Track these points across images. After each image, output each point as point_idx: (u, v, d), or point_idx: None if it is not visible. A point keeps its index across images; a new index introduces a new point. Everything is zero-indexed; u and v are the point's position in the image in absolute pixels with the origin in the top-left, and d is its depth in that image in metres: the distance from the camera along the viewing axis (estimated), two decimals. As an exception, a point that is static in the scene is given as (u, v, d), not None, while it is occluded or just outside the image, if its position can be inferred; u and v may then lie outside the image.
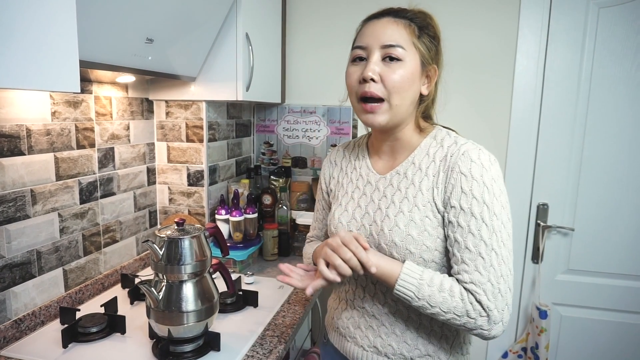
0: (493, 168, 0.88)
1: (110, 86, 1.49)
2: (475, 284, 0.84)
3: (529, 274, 1.99)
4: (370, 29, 0.93)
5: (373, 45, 0.91)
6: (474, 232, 0.85)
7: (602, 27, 1.78)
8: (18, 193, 1.16)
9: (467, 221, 0.86)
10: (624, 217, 1.86)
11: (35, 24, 0.76)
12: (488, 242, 0.84)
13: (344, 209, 1.04)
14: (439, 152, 0.94)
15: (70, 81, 0.84)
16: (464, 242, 0.86)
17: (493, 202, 0.85)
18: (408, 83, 0.90)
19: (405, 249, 0.91)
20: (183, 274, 1.07)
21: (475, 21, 1.89)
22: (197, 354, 1.11)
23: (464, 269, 0.86)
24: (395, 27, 0.91)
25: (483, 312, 0.83)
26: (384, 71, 0.90)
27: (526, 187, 1.93)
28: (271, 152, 2.21)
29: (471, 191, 0.86)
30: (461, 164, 0.88)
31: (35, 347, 1.14)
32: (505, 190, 0.90)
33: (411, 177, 0.95)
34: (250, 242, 1.77)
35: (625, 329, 1.91)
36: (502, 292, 0.84)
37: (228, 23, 1.55)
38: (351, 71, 0.95)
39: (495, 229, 0.85)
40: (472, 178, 0.86)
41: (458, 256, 0.87)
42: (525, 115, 1.89)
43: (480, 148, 0.90)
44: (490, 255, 0.84)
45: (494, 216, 0.85)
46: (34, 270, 1.23)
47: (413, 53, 0.91)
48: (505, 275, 0.85)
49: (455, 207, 0.87)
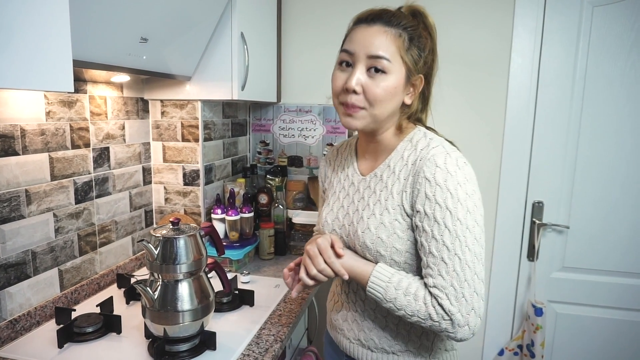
0: (460, 172, 0.88)
1: (105, 86, 1.48)
2: (438, 288, 0.85)
3: (525, 271, 1.99)
4: (360, 36, 0.92)
5: (360, 54, 0.90)
6: (437, 237, 0.86)
7: (597, 25, 1.79)
8: (13, 193, 1.16)
9: (431, 226, 0.87)
10: (619, 214, 1.87)
11: (29, 23, 0.75)
12: (451, 247, 0.85)
13: (331, 208, 1.09)
14: (412, 155, 0.94)
15: (64, 81, 0.84)
16: (428, 246, 0.88)
17: (457, 207, 0.86)
18: (390, 96, 0.91)
19: (376, 251, 0.94)
20: (178, 273, 1.07)
21: (470, 20, 1.89)
22: (193, 353, 1.11)
23: (429, 272, 0.88)
24: (384, 38, 0.90)
25: (446, 316, 0.85)
26: (367, 84, 0.90)
27: (521, 185, 1.94)
28: (267, 151, 2.21)
29: (434, 196, 0.87)
30: (426, 169, 0.89)
31: (31, 347, 1.13)
32: (477, 194, 0.89)
33: (385, 180, 0.97)
34: (246, 241, 1.77)
35: (620, 326, 1.93)
36: (467, 296, 0.84)
37: (223, 22, 1.55)
38: (337, 76, 0.95)
39: (459, 234, 0.85)
40: (435, 183, 0.87)
41: (424, 260, 0.89)
42: (521, 114, 1.90)
43: (449, 153, 0.90)
44: (453, 260, 0.85)
45: (457, 221, 0.85)
46: (29, 270, 1.23)
47: (399, 65, 0.91)
48: (469, 280, 0.85)
49: (420, 211, 0.89)
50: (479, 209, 0.89)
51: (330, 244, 0.96)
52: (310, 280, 0.96)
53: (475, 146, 1.95)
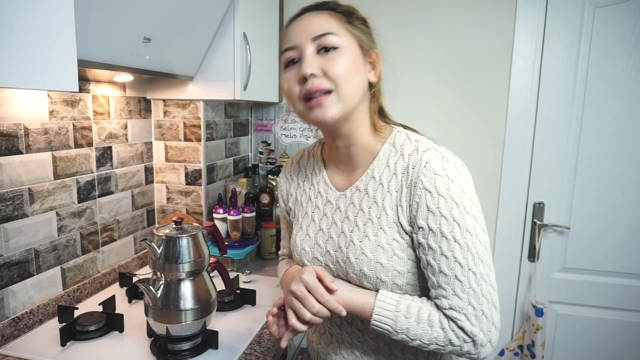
0: (461, 177, 0.79)
1: (108, 85, 1.49)
2: (455, 309, 0.77)
3: (525, 272, 2.00)
4: (295, 28, 0.84)
5: (303, 41, 0.81)
6: (447, 254, 0.77)
7: (598, 26, 1.79)
8: (16, 192, 1.17)
9: (438, 242, 0.78)
10: (620, 215, 1.87)
11: (34, 23, 0.76)
12: (463, 263, 0.77)
13: (305, 233, 0.95)
14: (400, 162, 0.84)
15: (68, 80, 0.84)
16: (437, 265, 0.78)
17: (464, 217, 0.77)
18: (352, 70, 0.81)
19: (376, 278, 0.83)
20: (181, 272, 1.07)
21: (472, 21, 1.90)
22: (195, 352, 1.11)
23: (441, 294, 0.78)
24: (320, 17, 0.82)
25: (467, 339, 0.77)
26: (324, 63, 0.80)
27: (522, 185, 1.94)
28: (269, 151, 2.21)
29: (438, 209, 0.78)
30: (424, 178, 0.79)
31: (34, 345, 1.14)
32: (476, 198, 0.81)
33: (373, 194, 0.86)
34: (248, 240, 1.77)
35: (620, 326, 1.93)
36: (486, 313, 0.77)
37: (225, 22, 1.55)
38: (287, 76, 0.85)
39: (470, 246, 0.77)
40: (437, 194, 0.78)
41: (434, 280, 0.79)
42: (522, 114, 1.90)
43: (444, 155, 0.81)
44: (468, 276, 0.77)
45: (467, 232, 0.77)
46: (32, 268, 1.23)
47: (348, 38, 0.82)
48: (487, 294, 0.78)
49: (424, 227, 0.79)
50: (481, 213, 0.82)
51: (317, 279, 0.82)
52: (303, 325, 0.82)
53: (476, 147, 1.95)
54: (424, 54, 1.94)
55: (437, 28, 1.92)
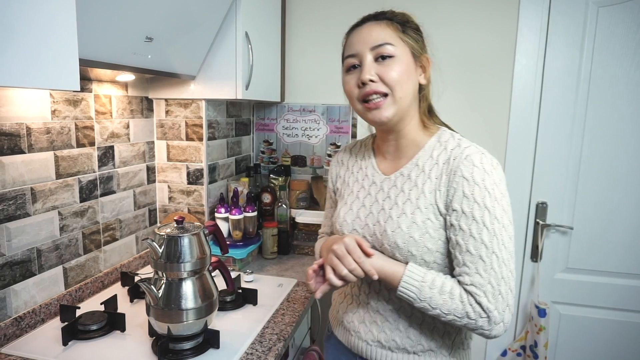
0: (495, 172, 0.89)
1: (110, 85, 1.49)
2: (475, 285, 0.86)
3: (528, 272, 1.99)
4: (357, 37, 0.96)
5: (363, 50, 0.94)
6: (475, 236, 0.86)
7: (602, 26, 1.78)
8: (18, 191, 1.17)
9: (469, 225, 0.87)
10: (623, 215, 1.86)
11: (36, 22, 0.76)
12: (489, 245, 0.86)
13: (349, 208, 1.06)
14: (443, 154, 0.95)
15: (70, 79, 0.84)
16: (465, 245, 0.87)
17: (494, 205, 0.87)
18: (406, 76, 0.93)
19: (407, 251, 0.92)
20: (182, 271, 1.07)
21: (475, 20, 1.89)
22: (197, 352, 1.11)
23: (465, 271, 0.87)
24: (379, 27, 0.94)
25: (483, 314, 0.85)
26: (380, 70, 0.92)
27: (525, 186, 1.93)
28: (271, 150, 2.21)
29: (473, 195, 0.87)
30: (463, 168, 0.89)
31: (36, 344, 1.14)
32: (507, 194, 0.91)
33: (415, 179, 0.96)
34: (249, 240, 1.77)
35: (623, 327, 1.92)
36: (503, 293, 0.85)
37: (227, 22, 1.55)
38: (348, 79, 0.98)
39: (497, 232, 0.86)
40: (474, 182, 0.88)
41: (460, 258, 0.88)
42: (525, 114, 1.89)
43: (483, 152, 0.92)
44: (491, 258, 0.85)
45: (495, 220, 0.86)
46: (34, 268, 1.23)
47: (402, 47, 0.93)
48: (506, 277, 0.86)
49: (457, 210, 0.89)
50: (510, 208, 0.91)
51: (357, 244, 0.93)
52: (339, 280, 0.92)
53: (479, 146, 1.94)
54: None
55: (439, 28, 1.92)
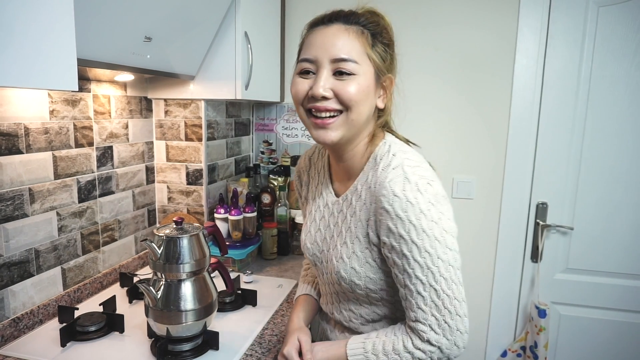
0: (421, 198, 0.80)
1: (109, 85, 1.48)
2: (420, 321, 0.83)
3: (528, 273, 1.99)
4: (320, 39, 0.84)
5: (322, 59, 0.82)
6: (408, 271, 0.82)
7: (602, 26, 1.78)
8: (16, 192, 1.16)
9: (400, 259, 0.82)
10: (623, 216, 1.86)
11: (33, 22, 0.75)
12: (424, 280, 0.81)
13: (308, 231, 1.05)
14: (373, 177, 0.87)
15: (68, 79, 0.84)
16: (402, 279, 0.84)
17: (422, 238, 0.80)
18: (364, 96, 0.83)
19: (350, 281, 0.91)
20: (181, 272, 1.07)
21: (475, 20, 1.88)
22: (196, 353, 1.10)
23: (407, 306, 0.85)
24: (347, 37, 0.82)
25: (433, 348, 0.83)
26: (337, 86, 0.82)
27: (525, 186, 1.93)
28: (270, 151, 2.21)
29: (397, 229, 0.81)
30: (383, 199, 0.82)
31: (34, 345, 1.13)
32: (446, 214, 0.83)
33: (354, 205, 0.91)
34: (249, 241, 1.77)
35: (624, 328, 1.92)
36: (449, 322, 0.82)
37: (227, 22, 1.55)
38: (298, 81, 0.86)
39: (430, 266, 0.81)
40: (396, 215, 0.80)
41: (402, 292, 0.85)
42: (525, 115, 1.89)
43: (407, 177, 0.81)
44: (430, 292, 0.82)
45: (426, 253, 0.80)
46: (33, 269, 1.23)
47: (367, 65, 0.84)
48: (449, 306, 0.82)
49: (387, 243, 0.84)
50: (450, 231, 0.83)
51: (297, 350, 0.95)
52: None
53: (478, 147, 1.94)
54: (426, 54, 1.93)
55: (439, 28, 1.91)
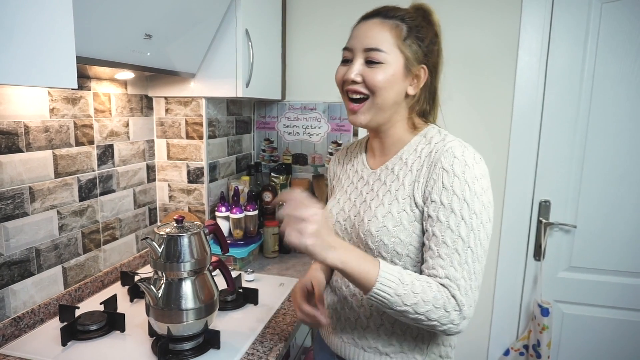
0: (477, 166, 0.88)
1: (109, 83, 1.48)
2: (450, 279, 0.84)
3: (531, 271, 1.98)
4: (358, 31, 0.95)
5: (357, 48, 0.94)
6: (453, 228, 0.85)
7: (605, 23, 1.77)
8: (16, 190, 1.16)
9: (447, 216, 0.86)
10: (627, 214, 1.85)
11: (33, 20, 0.75)
12: (465, 239, 0.85)
13: (337, 201, 1.09)
14: (426, 148, 0.94)
15: (67, 77, 0.83)
16: (442, 236, 0.86)
17: (474, 200, 0.85)
18: (389, 83, 0.92)
19: (380, 240, 0.93)
20: (182, 271, 1.06)
21: (477, 18, 1.87)
22: (197, 352, 1.10)
23: (439, 263, 0.85)
24: (380, 29, 0.92)
25: (457, 307, 0.83)
26: (366, 72, 0.92)
27: (528, 183, 1.92)
28: (271, 149, 2.20)
29: (452, 187, 0.86)
30: (444, 159, 0.88)
31: (35, 345, 1.13)
32: (490, 191, 0.89)
33: (397, 172, 0.97)
34: (250, 239, 1.76)
35: (627, 326, 1.91)
36: (473, 289, 0.85)
37: (227, 19, 1.54)
38: (338, 70, 0.99)
39: (474, 227, 0.85)
40: (453, 174, 0.87)
41: (435, 250, 0.86)
42: (527, 112, 1.88)
43: (466, 146, 0.90)
44: (467, 253, 0.84)
45: (474, 214, 0.85)
46: (33, 268, 1.22)
47: (396, 55, 0.92)
48: (477, 273, 0.85)
49: (436, 201, 0.87)
50: (492, 205, 0.89)
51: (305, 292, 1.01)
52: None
53: (481, 144, 1.91)
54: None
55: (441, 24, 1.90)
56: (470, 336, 2.04)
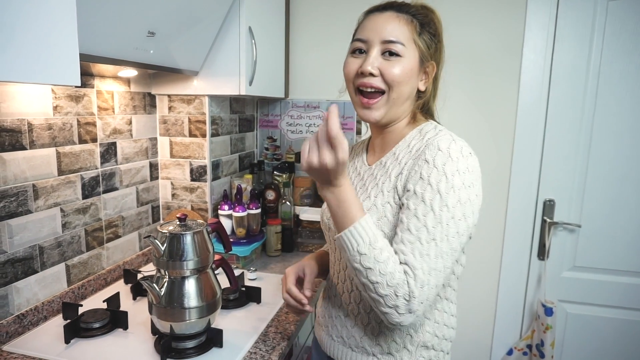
0: (463, 161, 0.84)
1: (113, 80, 1.48)
2: (408, 265, 0.81)
3: (535, 270, 1.97)
4: (372, 23, 0.93)
5: (374, 40, 0.91)
6: (419, 217, 0.82)
7: (611, 20, 1.75)
8: (20, 188, 1.16)
9: (416, 205, 0.83)
10: (631, 213, 1.84)
11: (36, 17, 0.74)
12: (431, 231, 0.82)
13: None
14: (418, 143, 0.93)
15: (70, 75, 0.83)
16: (407, 223, 0.83)
17: (448, 192, 0.82)
18: (407, 77, 0.91)
19: None
20: (185, 269, 1.06)
21: (482, 16, 1.86)
22: (200, 351, 1.10)
23: (401, 248, 0.83)
24: (397, 22, 0.91)
25: (407, 296, 0.80)
26: (384, 65, 0.90)
27: (532, 183, 1.91)
28: (274, 147, 2.19)
29: (429, 177, 0.84)
30: (427, 151, 0.86)
31: (38, 342, 1.13)
32: (475, 188, 0.85)
33: (388, 167, 0.96)
34: (253, 237, 1.76)
35: (631, 326, 1.90)
36: (430, 285, 0.81)
37: (231, 17, 1.53)
38: (349, 61, 0.95)
39: (442, 220, 0.82)
40: (433, 165, 0.84)
41: (399, 235, 0.84)
42: (532, 111, 1.86)
43: (455, 140, 0.87)
44: (430, 245, 0.81)
45: (445, 207, 0.82)
46: (37, 265, 1.22)
47: (413, 49, 0.92)
48: (437, 270, 0.82)
49: (410, 190, 0.86)
50: (473, 204, 0.85)
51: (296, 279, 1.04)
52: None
53: (485, 143, 1.92)
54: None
55: (445, 23, 1.89)
56: (474, 335, 2.04)
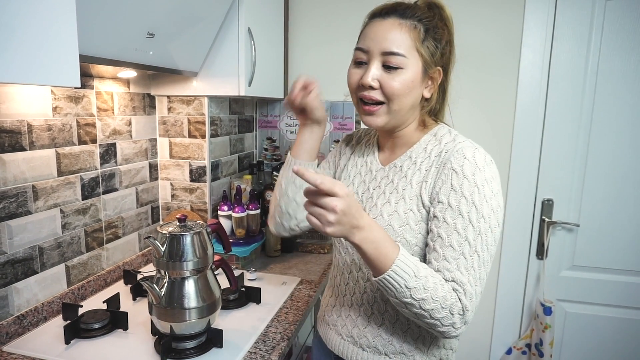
0: (488, 169, 0.86)
1: (112, 81, 1.48)
2: (457, 282, 0.82)
3: (534, 270, 1.97)
4: (374, 31, 0.91)
5: (374, 51, 0.89)
6: (460, 231, 0.83)
7: (609, 19, 1.76)
8: (19, 189, 1.16)
9: (454, 219, 0.84)
10: (630, 213, 1.84)
11: (35, 18, 0.75)
12: (472, 244, 0.83)
13: None
14: (436, 148, 0.93)
15: (70, 76, 0.83)
16: (448, 239, 0.84)
17: (482, 203, 0.83)
18: (407, 89, 0.89)
19: None
20: (185, 270, 1.06)
21: (480, 15, 1.87)
22: (200, 351, 1.10)
23: (445, 266, 0.83)
24: (399, 31, 0.88)
25: (461, 311, 0.82)
26: (383, 78, 0.89)
27: (531, 182, 1.91)
28: (274, 147, 2.20)
29: (461, 189, 0.84)
30: (454, 160, 0.86)
31: (38, 343, 1.14)
32: (500, 195, 0.87)
33: (405, 171, 0.95)
34: (252, 238, 1.76)
35: (630, 325, 1.90)
36: (477, 294, 0.83)
37: (230, 18, 1.53)
38: (352, 72, 0.95)
39: (482, 231, 0.83)
40: (463, 176, 0.84)
41: (440, 252, 0.84)
42: (531, 110, 1.87)
43: (477, 147, 0.88)
44: (473, 257, 0.83)
45: (482, 218, 0.83)
46: (36, 266, 1.23)
47: (415, 59, 0.89)
48: (481, 279, 0.84)
49: (443, 202, 0.85)
50: (502, 209, 0.87)
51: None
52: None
53: (484, 142, 1.89)
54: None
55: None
56: (473, 335, 2.04)
